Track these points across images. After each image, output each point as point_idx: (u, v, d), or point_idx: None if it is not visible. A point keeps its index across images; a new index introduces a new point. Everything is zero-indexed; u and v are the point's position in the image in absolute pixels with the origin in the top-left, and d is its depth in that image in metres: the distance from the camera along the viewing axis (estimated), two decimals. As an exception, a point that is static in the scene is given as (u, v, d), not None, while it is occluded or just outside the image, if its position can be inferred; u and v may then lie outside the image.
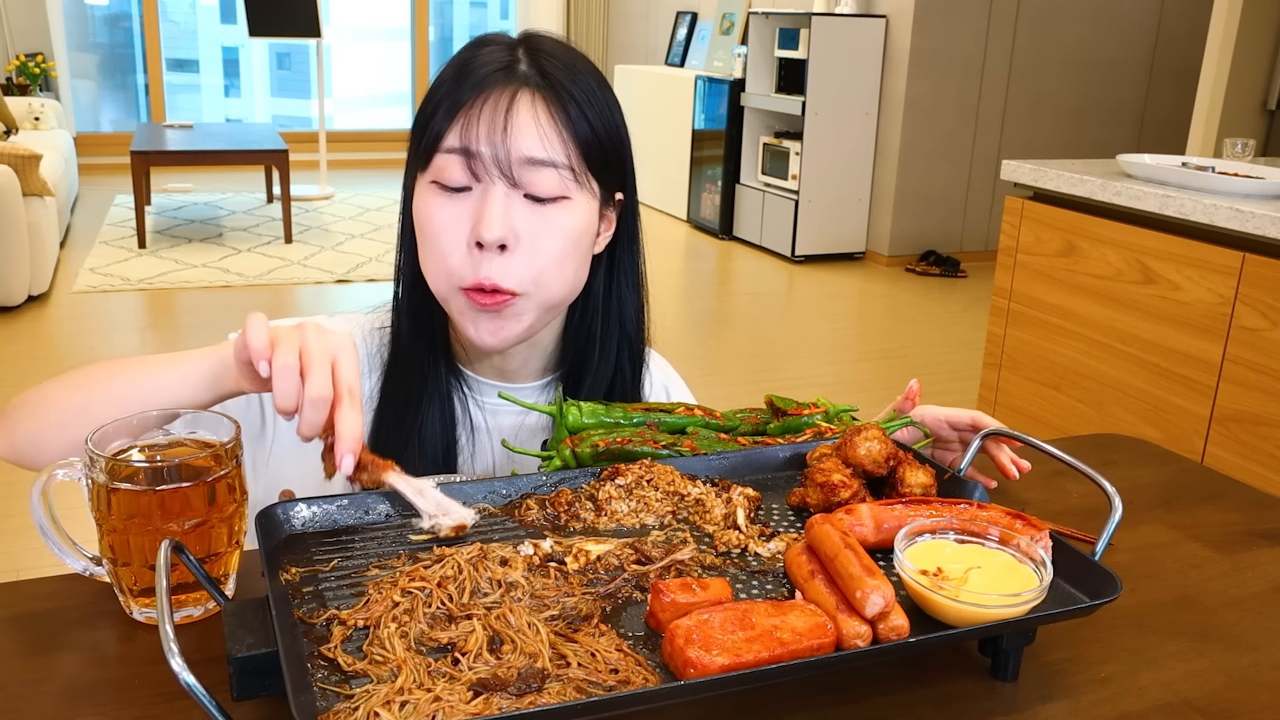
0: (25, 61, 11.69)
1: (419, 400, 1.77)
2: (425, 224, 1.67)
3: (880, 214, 9.96)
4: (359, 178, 13.10)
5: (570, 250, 1.67)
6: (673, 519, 1.45)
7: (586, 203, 1.68)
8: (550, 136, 1.63)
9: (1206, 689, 1.28)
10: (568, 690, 1.06)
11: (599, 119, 1.69)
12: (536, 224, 1.63)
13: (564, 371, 1.88)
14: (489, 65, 1.68)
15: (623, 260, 1.85)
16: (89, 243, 9.44)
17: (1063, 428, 4.44)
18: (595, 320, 1.84)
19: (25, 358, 6.66)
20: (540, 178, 1.63)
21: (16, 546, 4.36)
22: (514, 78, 1.66)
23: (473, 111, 1.63)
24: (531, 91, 1.65)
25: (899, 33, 9.45)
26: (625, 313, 1.86)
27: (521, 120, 1.63)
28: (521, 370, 1.85)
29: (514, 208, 1.62)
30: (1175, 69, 10.38)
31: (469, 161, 1.62)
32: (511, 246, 1.62)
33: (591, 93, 1.69)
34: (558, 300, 1.70)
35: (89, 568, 1.38)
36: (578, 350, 1.86)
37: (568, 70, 1.69)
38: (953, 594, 1.19)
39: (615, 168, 1.74)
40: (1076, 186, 4.28)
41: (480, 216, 1.61)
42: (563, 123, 1.65)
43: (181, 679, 0.96)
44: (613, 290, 1.85)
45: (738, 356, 7.31)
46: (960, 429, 1.81)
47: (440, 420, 1.78)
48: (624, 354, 1.87)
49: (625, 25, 14.17)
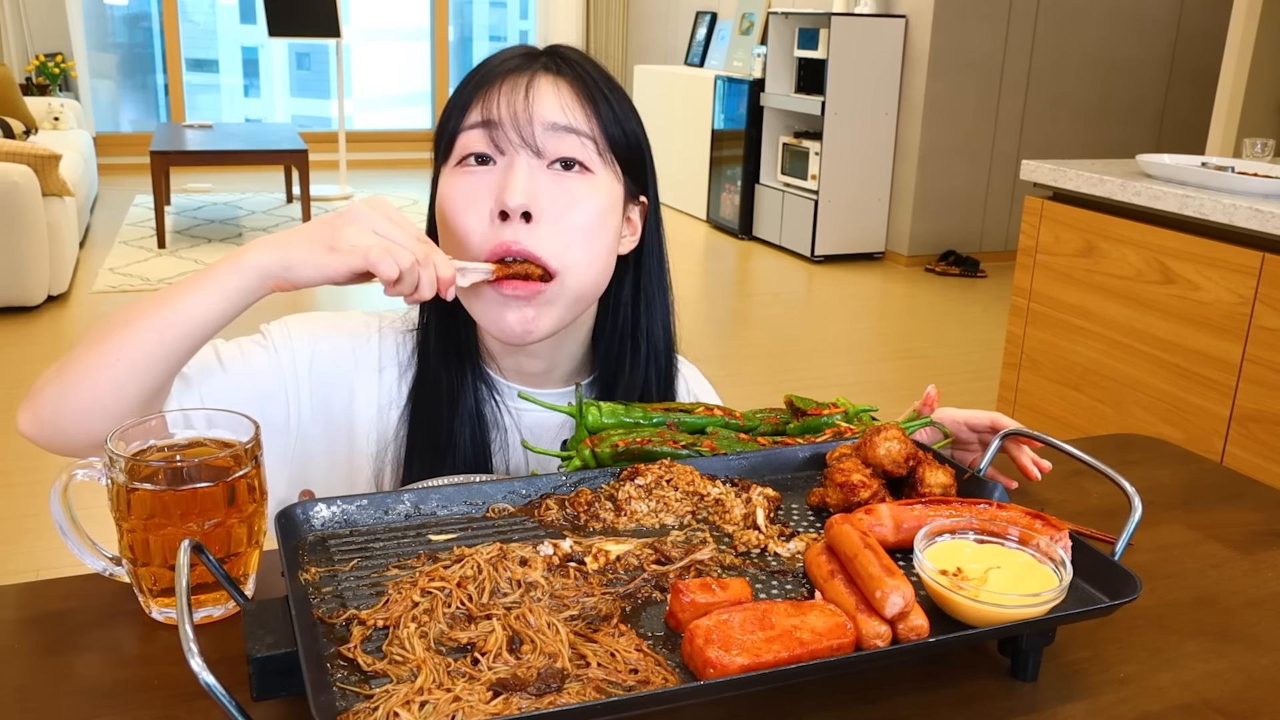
0: (45, 61, 11.72)
1: (448, 402, 1.78)
2: (447, 206, 1.66)
3: (900, 214, 9.95)
4: (379, 178, 13.11)
5: (596, 228, 1.66)
6: (692, 519, 1.45)
7: (610, 183, 1.68)
8: (572, 106, 1.64)
9: (1226, 689, 1.28)
10: (587, 690, 1.06)
11: (620, 111, 1.69)
12: (561, 196, 1.63)
13: (594, 378, 1.88)
14: (510, 55, 1.70)
15: (650, 269, 1.84)
16: (108, 243, 9.47)
17: (1082, 428, 4.44)
18: (625, 332, 1.84)
19: (45, 358, 6.62)
20: (564, 144, 1.63)
21: (36, 547, 4.37)
22: (534, 63, 1.68)
23: (492, 89, 1.65)
24: (552, 74, 1.67)
25: (919, 33, 9.44)
26: (654, 323, 1.86)
27: (543, 90, 1.64)
28: (546, 376, 1.84)
29: (538, 177, 1.62)
30: (1195, 68, 10.36)
31: (490, 132, 1.63)
32: (537, 216, 1.60)
33: (613, 89, 1.70)
34: (585, 289, 1.68)
35: (108, 568, 1.38)
36: (608, 363, 1.85)
37: (594, 68, 1.71)
38: (972, 594, 1.19)
39: (636, 166, 1.74)
40: (1096, 186, 4.27)
41: (503, 185, 1.60)
42: (585, 98, 1.66)
43: (201, 679, 0.96)
44: (640, 300, 1.84)
45: (757, 356, 7.31)
46: (979, 430, 1.81)
47: (469, 419, 1.78)
48: (652, 366, 1.86)
49: (645, 25, 14.17)
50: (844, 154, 9.70)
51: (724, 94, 10.81)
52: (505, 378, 1.83)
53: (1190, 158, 4.39)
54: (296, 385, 1.74)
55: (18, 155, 7.27)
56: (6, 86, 10.02)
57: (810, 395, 1.81)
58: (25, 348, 6.81)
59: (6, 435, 5.37)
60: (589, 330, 1.86)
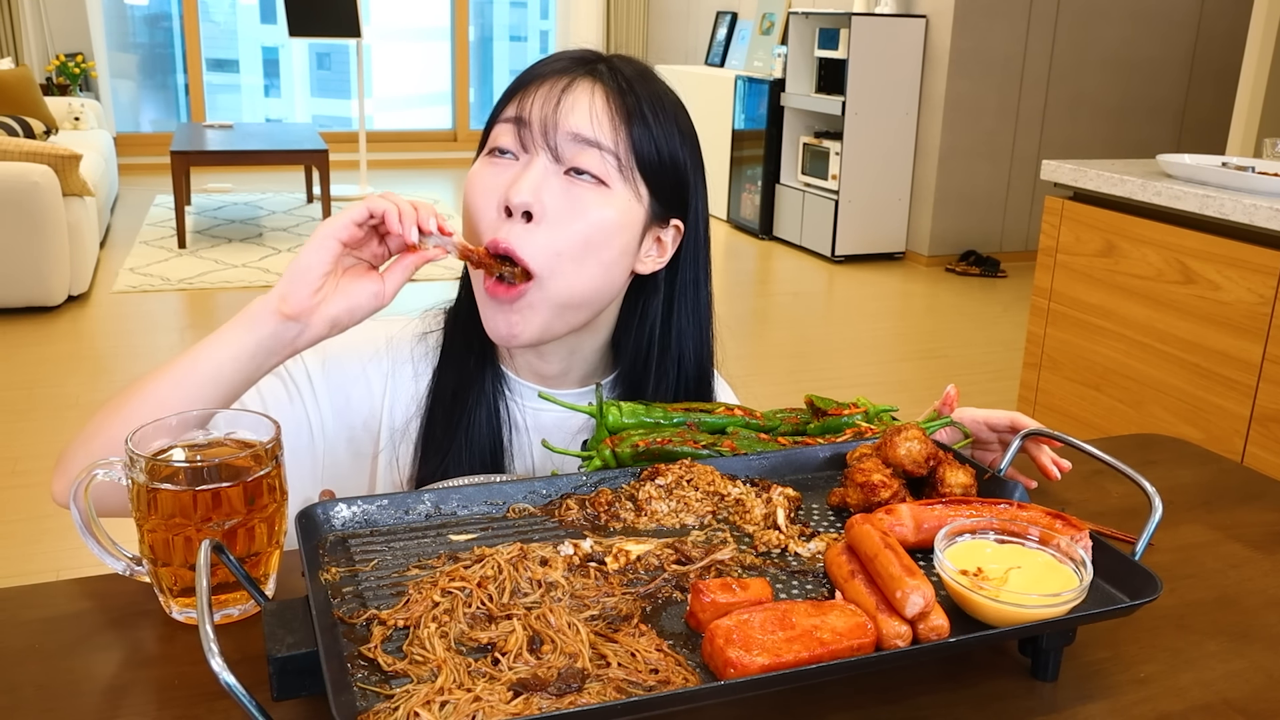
0: (65, 61, 11.76)
1: (466, 400, 1.78)
2: (468, 193, 1.70)
3: (920, 214, 9.94)
4: (399, 177, 13.14)
5: (598, 242, 1.65)
6: (713, 519, 1.45)
7: (627, 200, 1.67)
8: (602, 121, 1.64)
9: (1246, 689, 1.28)
10: (608, 690, 1.06)
11: (662, 136, 1.69)
12: (568, 204, 1.63)
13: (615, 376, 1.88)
14: (565, 57, 1.73)
15: (683, 292, 1.83)
16: (129, 243, 9.49)
17: (1103, 428, 4.43)
18: (649, 350, 1.83)
19: (65, 358, 6.69)
20: (583, 155, 1.63)
21: (57, 547, 4.38)
22: (583, 67, 1.69)
23: (531, 87, 1.67)
24: (596, 81, 1.67)
25: (939, 33, 9.43)
26: (684, 346, 1.85)
27: (577, 99, 1.65)
28: (562, 378, 1.84)
29: (549, 181, 1.63)
30: (1215, 68, 10.34)
31: (519, 130, 1.65)
32: (538, 218, 1.61)
33: (660, 112, 1.70)
34: (573, 297, 1.67)
35: (129, 568, 1.38)
36: (631, 376, 1.85)
37: (644, 84, 1.71)
38: (993, 594, 1.19)
39: (670, 189, 1.73)
40: (1116, 186, 4.27)
41: (514, 181, 1.62)
42: (619, 113, 1.66)
43: (222, 679, 0.96)
44: (672, 321, 1.83)
45: (778, 356, 7.31)
46: (999, 430, 1.81)
47: (487, 420, 1.79)
48: (681, 388, 1.86)
49: (665, 25, 14.17)
50: (864, 154, 9.69)
51: (744, 94, 10.81)
52: (522, 378, 1.84)
53: (1211, 158, 4.38)
54: (316, 402, 1.77)
55: (38, 155, 7.29)
56: (27, 86, 10.05)
57: (831, 395, 1.81)
58: (46, 347, 6.83)
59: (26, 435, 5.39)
60: (605, 339, 1.86)
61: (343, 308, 1.52)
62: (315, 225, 10.19)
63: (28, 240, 7.15)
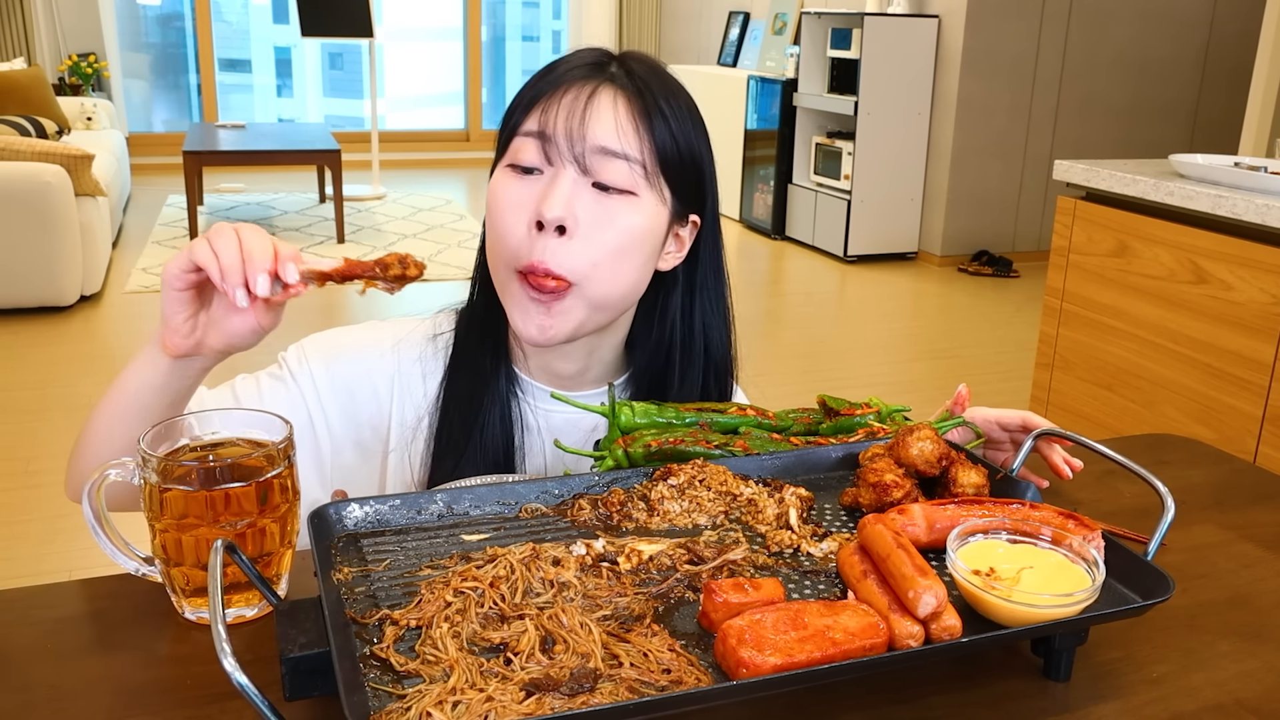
0: (78, 61, 11.78)
1: (480, 400, 1.78)
2: (493, 204, 1.69)
3: (933, 214, 9.94)
4: (411, 178, 13.14)
5: (630, 248, 1.66)
6: (725, 519, 1.45)
7: (654, 205, 1.68)
8: (627, 131, 1.64)
9: (1259, 689, 1.28)
10: (620, 690, 1.06)
11: (680, 132, 1.70)
12: (600, 214, 1.63)
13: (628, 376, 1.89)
14: (578, 62, 1.71)
15: (705, 284, 1.85)
16: (141, 243, 9.49)
17: (1115, 428, 4.42)
18: (674, 344, 1.85)
19: (77, 357, 6.69)
20: (611, 169, 1.63)
21: (70, 547, 4.39)
22: (600, 74, 1.69)
23: (553, 98, 1.66)
24: (615, 89, 1.67)
25: (951, 33, 9.42)
26: (710, 339, 1.87)
27: (601, 111, 1.64)
28: (578, 379, 1.85)
29: (579, 194, 1.63)
30: (1227, 68, 10.32)
31: (544, 145, 1.64)
32: (571, 231, 1.61)
33: (677, 108, 1.70)
34: (609, 300, 1.69)
35: (141, 568, 1.38)
36: (650, 374, 1.86)
37: (657, 81, 1.71)
38: (1005, 594, 1.19)
39: (691, 186, 1.74)
40: (1129, 186, 4.26)
41: (544, 196, 1.61)
42: (642, 121, 1.66)
43: (234, 679, 0.96)
44: (694, 314, 1.85)
45: (790, 356, 7.30)
46: (1011, 430, 1.81)
47: (500, 420, 1.79)
48: (710, 380, 1.87)
49: (677, 25, 14.17)
50: (877, 154, 9.69)
51: (757, 94, 10.81)
52: (535, 379, 1.84)
53: (1223, 158, 4.37)
54: (321, 406, 1.77)
55: (50, 155, 7.30)
56: (39, 86, 10.06)
57: (843, 395, 1.81)
58: (58, 347, 6.84)
59: (38, 436, 5.40)
60: (622, 339, 1.87)
61: (223, 342, 1.49)
62: (317, 225, 10.23)
63: (40, 240, 7.16)
